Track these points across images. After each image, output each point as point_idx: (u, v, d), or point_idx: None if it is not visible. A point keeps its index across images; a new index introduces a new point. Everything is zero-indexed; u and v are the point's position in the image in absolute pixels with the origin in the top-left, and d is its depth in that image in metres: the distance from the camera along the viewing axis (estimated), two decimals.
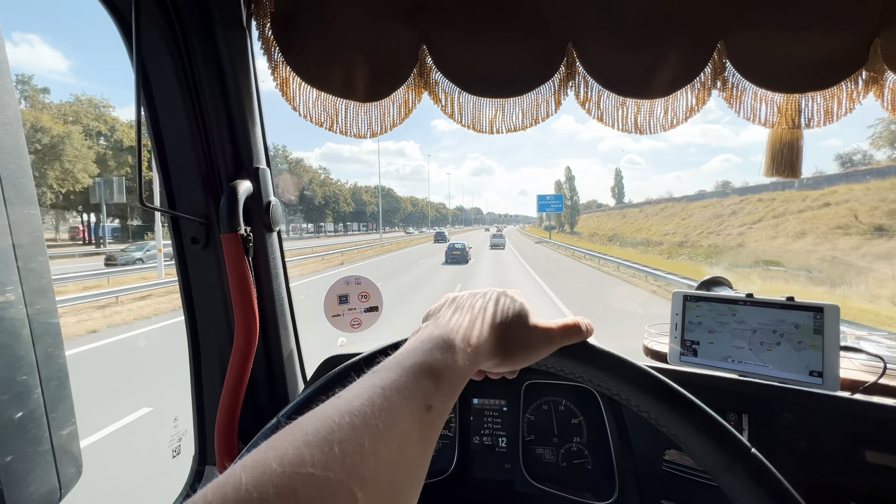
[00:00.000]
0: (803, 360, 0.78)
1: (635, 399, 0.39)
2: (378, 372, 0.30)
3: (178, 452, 0.96)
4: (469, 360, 0.34)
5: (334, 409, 0.26)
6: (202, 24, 0.75)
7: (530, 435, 0.93)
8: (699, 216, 34.08)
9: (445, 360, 0.32)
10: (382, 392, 0.27)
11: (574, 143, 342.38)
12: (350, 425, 0.24)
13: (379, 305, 1.04)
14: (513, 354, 0.39)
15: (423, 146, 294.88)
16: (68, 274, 11.88)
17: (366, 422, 0.25)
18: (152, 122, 0.77)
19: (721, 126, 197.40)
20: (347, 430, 0.24)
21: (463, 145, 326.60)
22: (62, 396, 0.70)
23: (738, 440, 0.35)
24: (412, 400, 0.28)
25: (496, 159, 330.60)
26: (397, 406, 0.27)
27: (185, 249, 0.83)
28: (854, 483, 0.68)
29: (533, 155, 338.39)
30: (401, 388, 0.28)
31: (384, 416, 0.26)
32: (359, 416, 0.25)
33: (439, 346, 0.33)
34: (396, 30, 0.81)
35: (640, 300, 12.06)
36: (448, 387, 0.31)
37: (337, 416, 0.25)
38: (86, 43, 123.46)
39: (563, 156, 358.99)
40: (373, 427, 0.25)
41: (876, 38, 0.78)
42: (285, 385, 0.92)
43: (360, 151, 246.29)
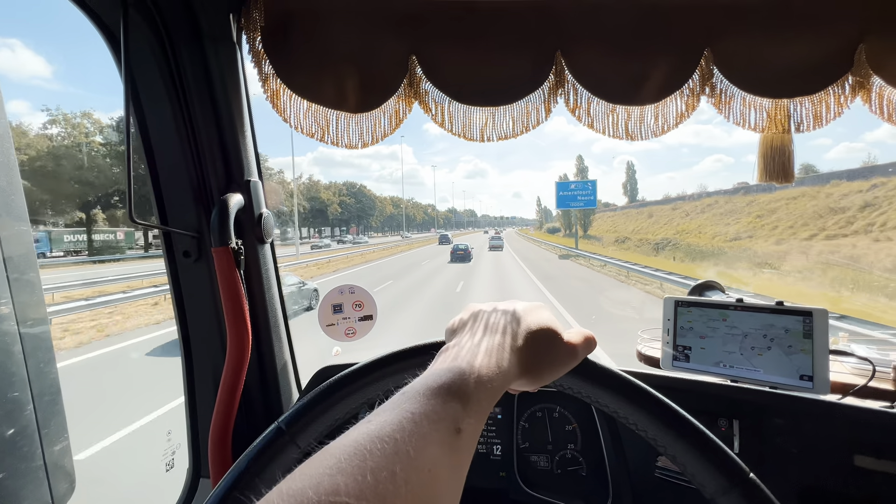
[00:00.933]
0: (794, 365, 0.78)
1: (632, 417, 0.39)
2: (406, 394, 0.30)
3: (172, 466, 0.96)
4: (498, 382, 0.34)
5: (366, 434, 0.26)
6: (191, 39, 0.75)
7: (525, 442, 0.93)
8: (788, 211, 24.02)
9: (473, 381, 0.32)
10: (412, 417, 0.27)
11: (567, 144, 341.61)
12: (381, 452, 0.24)
13: (373, 314, 1.04)
14: (539, 374, 0.38)
15: (416, 150, 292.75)
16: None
17: (397, 448, 0.25)
18: (143, 137, 0.78)
19: (713, 126, 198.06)
20: (379, 458, 0.24)
21: (456, 148, 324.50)
22: (54, 412, 0.70)
23: (737, 464, 0.35)
24: (441, 424, 0.28)
25: (490, 162, 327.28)
26: (426, 431, 0.27)
27: (178, 263, 0.83)
28: (844, 487, 0.69)
29: (526, 157, 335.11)
30: (429, 413, 0.28)
31: (415, 442, 0.26)
32: (390, 443, 0.25)
33: (465, 368, 0.33)
34: (386, 41, 0.81)
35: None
36: (476, 409, 0.31)
37: (369, 443, 0.25)
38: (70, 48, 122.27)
39: (556, 158, 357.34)
40: (404, 454, 0.25)
41: (861, 43, 0.79)
42: (279, 397, 0.92)
43: (351, 155, 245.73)
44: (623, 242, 35.99)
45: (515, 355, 0.37)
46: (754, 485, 0.34)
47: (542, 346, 0.39)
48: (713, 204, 31.40)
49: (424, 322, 8.60)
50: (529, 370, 0.37)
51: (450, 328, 0.43)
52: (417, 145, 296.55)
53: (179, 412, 0.90)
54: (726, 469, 0.35)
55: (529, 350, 0.38)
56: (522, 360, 0.37)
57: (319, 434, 0.43)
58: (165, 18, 0.72)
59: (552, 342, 0.39)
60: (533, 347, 0.38)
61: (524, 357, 0.37)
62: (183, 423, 0.91)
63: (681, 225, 32.63)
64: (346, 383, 0.44)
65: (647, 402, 0.38)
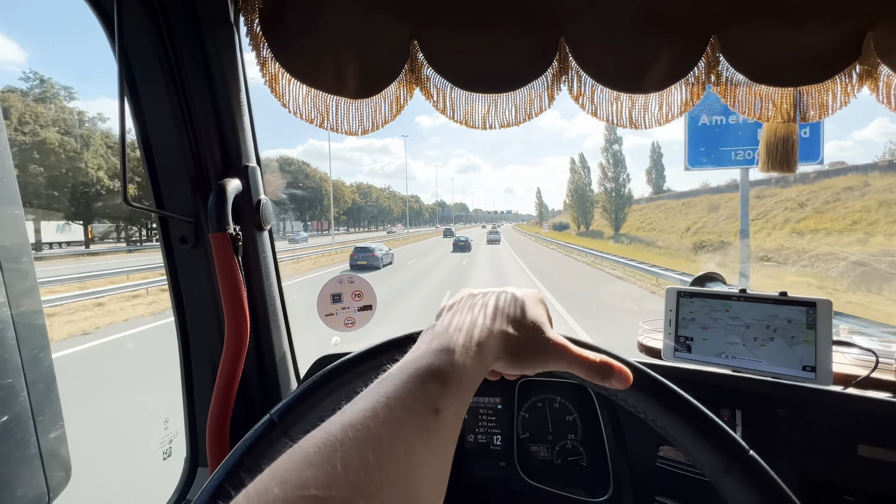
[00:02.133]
0: (796, 355, 0.78)
1: (631, 399, 0.39)
2: (384, 380, 0.30)
3: (169, 454, 0.95)
4: (477, 361, 0.33)
5: (338, 424, 0.25)
6: (188, 20, 0.73)
7: (525, 433, 0.93)
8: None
9: (451, 360, 0.31)
10: (387, 402, 0.27)
11: (560, 140, 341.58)
12: (353, 440, 0.24)
13: (373, 304, 1.03)
14: (519, 359, 0.38)
15: (407, 143, 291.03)
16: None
17: (369, 435, 0.24)
18: (138, 120, 0.76)
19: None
20: (350, 446, 0.24)
21: (449, 143, 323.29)
22: (49, 399, 0.69)
23: (737, 442, 0.35)
24: (417, 406, 0.28)
25: (482, 157, 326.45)
26: (402, 415, 0.27)
27: (174, 249, 0.82)
28: (847, 477, 0.69)
29: (519, 153, 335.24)
30: (404, 396, 0.28)
31: (388, 427, 0.25)
32: (362, 430, 0.25)
33: (444, 347, 0.33)
34: (387, 25, 0.80)
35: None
36: (456, 388, 0.30)
37: (340, 433, 0.24)
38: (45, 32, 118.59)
39: (548, 154, 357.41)
40: (376, 439, 0.24)
41: (869, 31, 0.78)
42: (278, 385, 0.91)
43: (342, 148, 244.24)
44: (706, 249, 24.20)
45: (499, 335, 0.36)
46: (754, 461, 0.34)
47: (525, 333, 0.38)
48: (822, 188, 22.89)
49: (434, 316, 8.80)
50: (508, 353, 0.37)
51: (441, 309, 0.43)
52: (409, 139, 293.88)
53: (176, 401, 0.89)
54: (726, 447, 0.35)
55: (513, 334, 0.37)
56: (503, 341, 0.37)
57: (313, 426, 0.43)
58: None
59: (537, 334, 0.39)
60: (517, 333, 0.38)
61: (504, 340, 0.37)
62: (180, 412, 0.90)
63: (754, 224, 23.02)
64: (338, 374, 0.44)
65: (646, 383, 0.38)
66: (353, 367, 0.44)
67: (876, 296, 12.63)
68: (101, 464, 3.13)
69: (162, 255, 0.82)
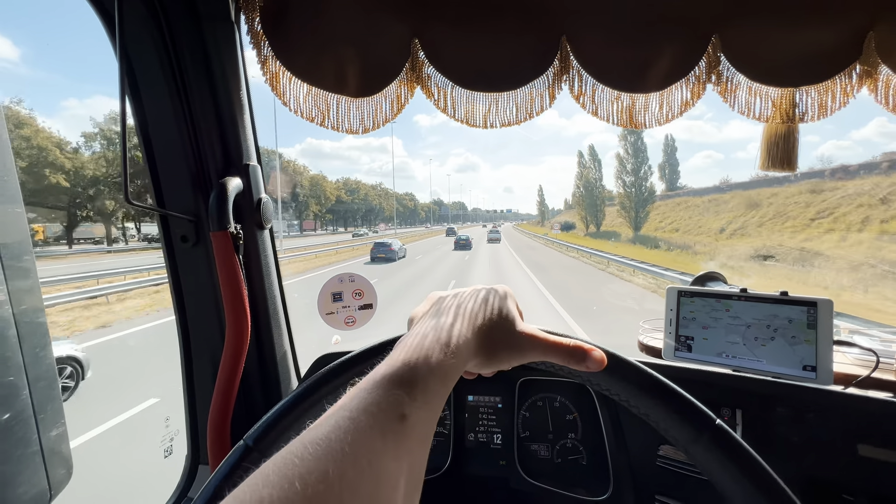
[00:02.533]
0: (797, 355, 0.78)
1: (605, 382, 0.40)
2: (349, 394, 0.30)
3: (170, 452, 0.95)
4: (449, 362, 0.33)
5: (299, 442, 0.25)
6: (189, 19, 0.73)
7: (525, 431, 0.93)
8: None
9: (418, 365, 0.32)
10: (349, 414, 0.27)
11: (559, 139, 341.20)
12: (313, 455, 0.24)
13: (373, 303, 1.03)
14: (496, 355, 0.38)
15: (406, 142, 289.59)
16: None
17: (329, 448, 0.24)
18: (139, 119, 0.76)
19: (703, 122, 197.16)
20: (309, 461, 0.24)
21: (447, 142, 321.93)
22: (51, 397, 0.70)
23: (704, 412, 0.36)
24: (381, 414, 0.28)
25: (481, 156, 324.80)
26: (364, 424, 0.27)
27: (175, 248, 0.82)
28: (847, 477, 0.69)
29: (518, 152, 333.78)
30: (369, 405, 0.28)
31: (350, 438, 0.25)
32: (322, 444, 0.25)
33: (412, 353, 0.33)
34: (388, 23, 0.80)
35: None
36: (423, 393, 0.30)
37: (300, 449, 0.24)
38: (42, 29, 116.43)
39: (547, 153, 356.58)
40: (337, 451, 0.24)
41: (870, 31, 0.78)
42: (279, 383, 0.91)
43: (341, 147, 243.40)
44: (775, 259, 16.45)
45: (471, 335, 0.37)
46: (722, 429, 0.35)
47: (498, 329, 0.39)
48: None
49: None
50: (484, 350, 0.37)
51: (411, 318, 0.43)
52: (408, 138, 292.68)
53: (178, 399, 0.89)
54: (694, 418, 0.36)
55: (486, 332, 0.38)
56: (477, 340, 0.37)
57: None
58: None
59: (510, 328, 0.39)
60: (490, 329, 0.38)
61: (479, 338, 0.37)
62: (181, 410, 0.90)
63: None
64: (313, 391, 0.44)
65: (616, 366, 0.39)
66: (327, 381, 0.44)
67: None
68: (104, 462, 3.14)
69: (163, 253, 0.82)
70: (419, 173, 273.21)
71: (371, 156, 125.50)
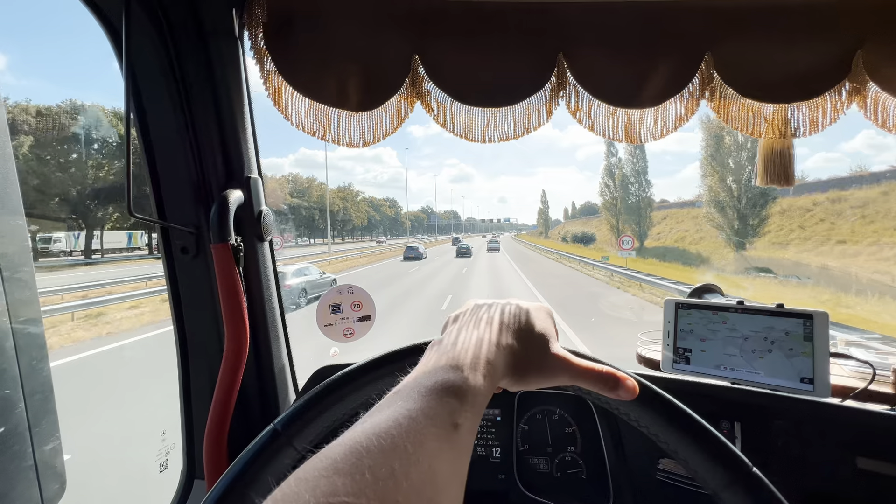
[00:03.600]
0: (794, 367, 0.78)
1: (634, 412, 0.39)
2: (401, 392, 0.30)
3: (166, 467, 0.94)
4: (486, 378, 0.33)
5: (361, 433, 0.25)
6: (194, 35, 0.75)
7: (524, 445, 0.92)
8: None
9: (464, 377, 0.32)
10: (408, 413, 0.27)
11: (552, 151, 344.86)
12: (379, 449, 0.24)
13: (372, 314, 1.03)
14: (525, 376, 0.37)
15: (400, 153, 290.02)
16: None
17: (394, 444, 0.24)
18: (142, 132, 0.77)
19: (695, 134, 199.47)
20: (377, 455, 0.24)
21: (441, 153, 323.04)
22: (46, 410, 0.69)
23: (740, 458, 0.35)
24: (438, 420, 0.28)
25: (475, 167, 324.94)
26: (424, 427, 0.27)
27: (175, 259, 0.82)
28: (846, 490, 0.69)
29: (511, 163, 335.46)
30: (425, 409, 0.28)
31: (412, 438, 0.25)
32: (387, 440, 0.25)
33: (455, 364, 0.33)
34: (389, 40, 0.81)
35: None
36: (472, 403, 0.31)
37: (365, 441, 0.24)
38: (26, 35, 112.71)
39: (541, 164, 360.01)
40: (402, 449, 0.24)
41: (858, 49, 0.80)
42: (276, 397, 0.91)
43: (334, 157, 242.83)
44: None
45: (503, 352, 0.36)
46: (757, 478, 0.34)
47: (531, 350, 0.38)
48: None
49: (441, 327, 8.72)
50: (513, 370, 0.37)
51: (447, 321, 0.42)
52: (402, 149, 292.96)
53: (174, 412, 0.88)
54: (728, 463, 0.35)
55: (518, 352, 0.37)
56: (509, 359, 0.36)
57: (316, 436, 0.43)
58: (168, 12, 0.72)
59: (543, 350, 0.38)
60: (522, 350, 0.38)
61: (510, 357, 0.37)
62: (177, 424, 0.89)
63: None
64: (343, 384, 0.44)
65: (648, 397, 0.38)
66: (356, 377, 0.44)
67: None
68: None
69: (162, 264, 0.82)
70: (413, 184, 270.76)
71: (365, 166, 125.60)
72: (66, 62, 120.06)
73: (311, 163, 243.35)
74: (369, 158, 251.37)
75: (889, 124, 0.87)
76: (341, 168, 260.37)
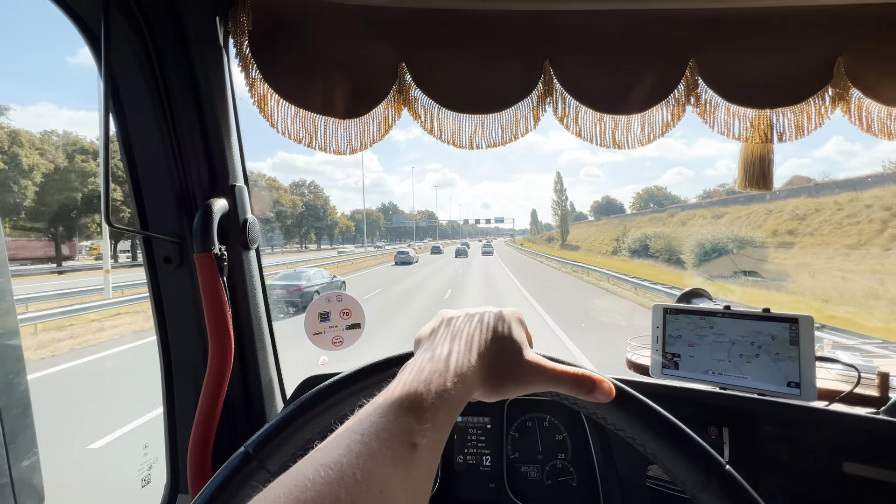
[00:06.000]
0: (781, 371, 0.79)
1: (611, 416, 0.39)
2: (358, 417, 0.29)
3: (148, 481, 0.92)
4: (456, 391, 0.33)
5: (310, 464, 0.25)
6: (177, 43, 0.74)
7: (514, 453, 0.92)
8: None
9: (428, 393, 0.31)
10: (360, 438, 0.27)
11: (534, 156, 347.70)
12: (325, 479, 0.24)
13: (361, 322, 1.02)
14: (501, 385, 0.37)
15: (381, 158, 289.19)
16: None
17: (342, 473, 0.24)
18: (123, 140, 0.76)
19: (674, 140, 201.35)
20: (322, 486, 0.23)
21: (424, 159, 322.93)
22: (24, 426, 0.67)
23: (713, 457, 0.35)
24: (393, 441, 0.27)
25: (458, 172, 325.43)
26: (376, 450, 0.26)
27: (158, 269, 0.80)
28: (833, 494, 0.69)
29: (494, 169, 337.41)
30: (380, 431, 0.27)
31: (362, 463, 0.25)
32: (334, 468, 0.24)
33: (421, 380, 0.32)
34: (376, 47, 0.81)
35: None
36: (432, 421, 0.30)
37: (312, 472, 0.24)
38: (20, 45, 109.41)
39: (523, 170, 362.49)
40: (349, 477, 0.24)
41: (839, 56, 0.81)
42: (263, 409, 0.89)
43: (313, 162, 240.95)
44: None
45: (477, 364, 0.36)
46: (730, 475, 0.34)
47: (504, 359, 0.38)
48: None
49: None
50: (490, 380, 0.36)
51: (418, 337, 0.42)
52: (384, 154, 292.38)
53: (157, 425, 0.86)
54: (703, 462, 0.35)
55: (492, 362, 0.37)
56: (484, 370, 0.36)
57: (290, 455, 0.42)
58: (149, 19, 0.71)
59: (517, 358, 0.38)
60: (496, 358, 0.37)
61: (485, 368, 0.36)
62: (161, 437, 0.87)
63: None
64: (316, 402, 0.43)
65: (624, 399, 0.38)
66: (330, 394, 0.43)
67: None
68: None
69: (145, 274, 0.81)
70: (396, 188, 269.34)
71: (346, 171, 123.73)
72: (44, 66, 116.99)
73: (290, 167, 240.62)
74: (349, 163, 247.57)
75: (874, 129, 0.88)
76: (321, 172, 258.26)
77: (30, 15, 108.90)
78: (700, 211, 31.82)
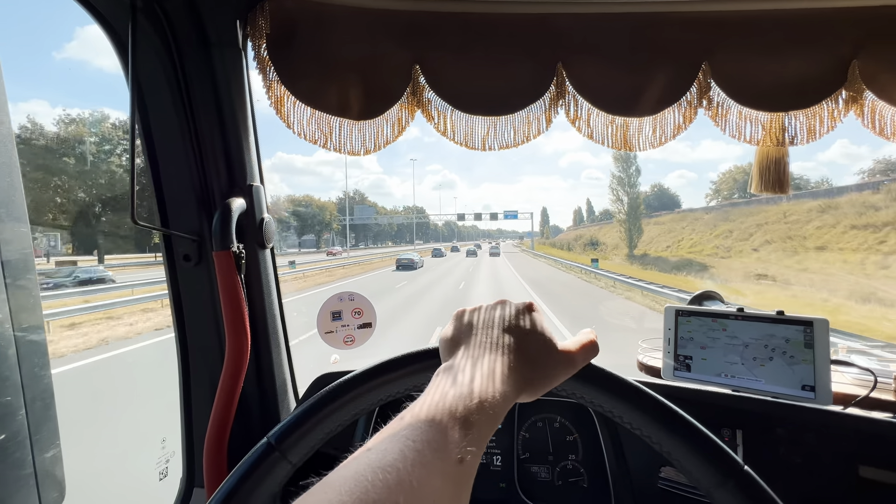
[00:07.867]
0: (796, 375, 0.78)
1: (627, 416, 0.39)
2: (407, 419, 0.29)
3: (165, 475, 0.93)
4: (499, 407, 0.33)
5: (367, 465, 0.25)
6: (199, 46, 0.76)
7: (525, 453, 0.92)
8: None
9: (475, 409, 0.31)
10: (414, 445, 0.27)
11: (535, 158, 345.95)
12: (384, 483, 0.24)
13: (373, 321, 1.03)
14: (536, 388, 0.37)
15: (381, 159, 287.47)
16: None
17: (399, 478, 0.24)
18: (146, 140, 0.78)
19: (676, 142, 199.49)
20: (381, 489, 0.23)
21: (425, 160, 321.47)
22: (47, 417, 0.69)
23: (731, 457, 0.35)
24: (444, 453, 0.27)
25: (459, 174, 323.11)
26: (429, 461, 0.26)
27: (177, 267, 0.82)
28: (848, 498, 0.68)
29: (495, 171, 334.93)
30: (432, 441, 0.27)
31: (417, 472, 0.25)
32: (392, 473, 0.24)
33: (468, 395, 0.32)
34: (390, 50, 0.83)
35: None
36: (477, 437, 0.30)
37: (370, 474, 0.24)
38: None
39: (524, 172, 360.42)
40: (407, 484, 0.24)
41: (854, 59, 0.81)
42: (277, 405, 0.90)
43: (312, 162, 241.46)
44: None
45: (513, 375, 0.35)
46: (749, 476, 0.34)
47: (539, 360, 0.38)
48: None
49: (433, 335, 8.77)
50: (527, 387, 0.36)
51: (444, 337, 0.41)
52: (384, 155, 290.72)
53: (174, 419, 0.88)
54: (720, 462, 0.35)
55: (527, 367, 0.37)
56: (520, 379, 0.36)
57: (311, 448, 0.42)
58: (173, 24, 0.73)
59: (549, 354, 0.38)
60: (530, 364, 0.37)
61: (522, 375, 0.36)
62: (178, 431, 0.89)
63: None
64: (338, 395, 0.43)
65: (640, 399, 0.39)
66: (352, 388, 0.43)
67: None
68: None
69: (164, 272, 0.83)
70: (396, 190, 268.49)
71: (346, 172, 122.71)
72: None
73: (289, 168, 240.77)
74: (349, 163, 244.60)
75: (887, 132, 0.88)
76: (320, 174, 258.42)
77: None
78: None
